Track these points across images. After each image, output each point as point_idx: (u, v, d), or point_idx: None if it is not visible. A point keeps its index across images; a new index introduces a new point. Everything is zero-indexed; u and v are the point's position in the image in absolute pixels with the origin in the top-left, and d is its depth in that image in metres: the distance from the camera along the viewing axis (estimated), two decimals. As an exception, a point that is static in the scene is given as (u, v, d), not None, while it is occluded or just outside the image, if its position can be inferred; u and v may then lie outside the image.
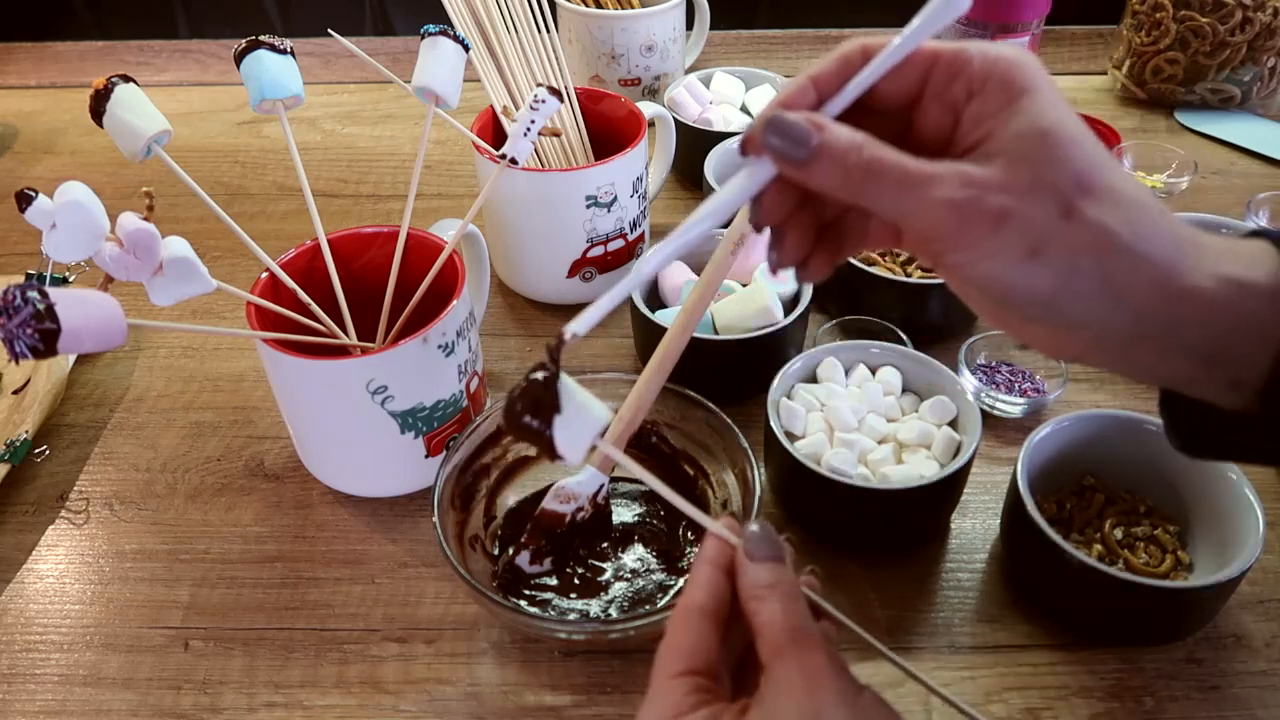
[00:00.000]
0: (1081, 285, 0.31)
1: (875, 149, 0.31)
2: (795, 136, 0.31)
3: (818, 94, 0.33)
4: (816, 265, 0.36)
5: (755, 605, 0.34)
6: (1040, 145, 0.30)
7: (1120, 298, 0.31)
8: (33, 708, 0.51)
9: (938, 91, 0.33)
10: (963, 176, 0.30)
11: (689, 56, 1.02)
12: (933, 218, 0.31)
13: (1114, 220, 0.30)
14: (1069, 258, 0.30)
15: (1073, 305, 0.31)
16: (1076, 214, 0.30)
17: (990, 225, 0.30)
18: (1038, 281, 0.31)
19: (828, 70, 0.33)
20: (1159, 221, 0.31)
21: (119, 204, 0.46)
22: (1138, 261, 0.30)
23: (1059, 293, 0.31)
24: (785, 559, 0.35)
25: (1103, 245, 0.30)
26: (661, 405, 0.57)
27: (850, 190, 0.31)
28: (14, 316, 0.39)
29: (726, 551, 0.36)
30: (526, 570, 0.54)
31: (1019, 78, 0.31)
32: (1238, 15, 0.89)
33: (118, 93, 0.50)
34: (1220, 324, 0.31)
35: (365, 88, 1.07)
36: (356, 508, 0.61)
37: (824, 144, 0.31)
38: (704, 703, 0.32)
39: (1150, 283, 0.31)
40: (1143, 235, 0.30)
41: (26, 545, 0.59)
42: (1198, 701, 0.49)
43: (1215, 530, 0.52)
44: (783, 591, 0.34)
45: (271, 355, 0.53)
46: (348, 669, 0.52)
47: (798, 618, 0.33)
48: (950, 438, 0.56)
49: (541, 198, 0.69)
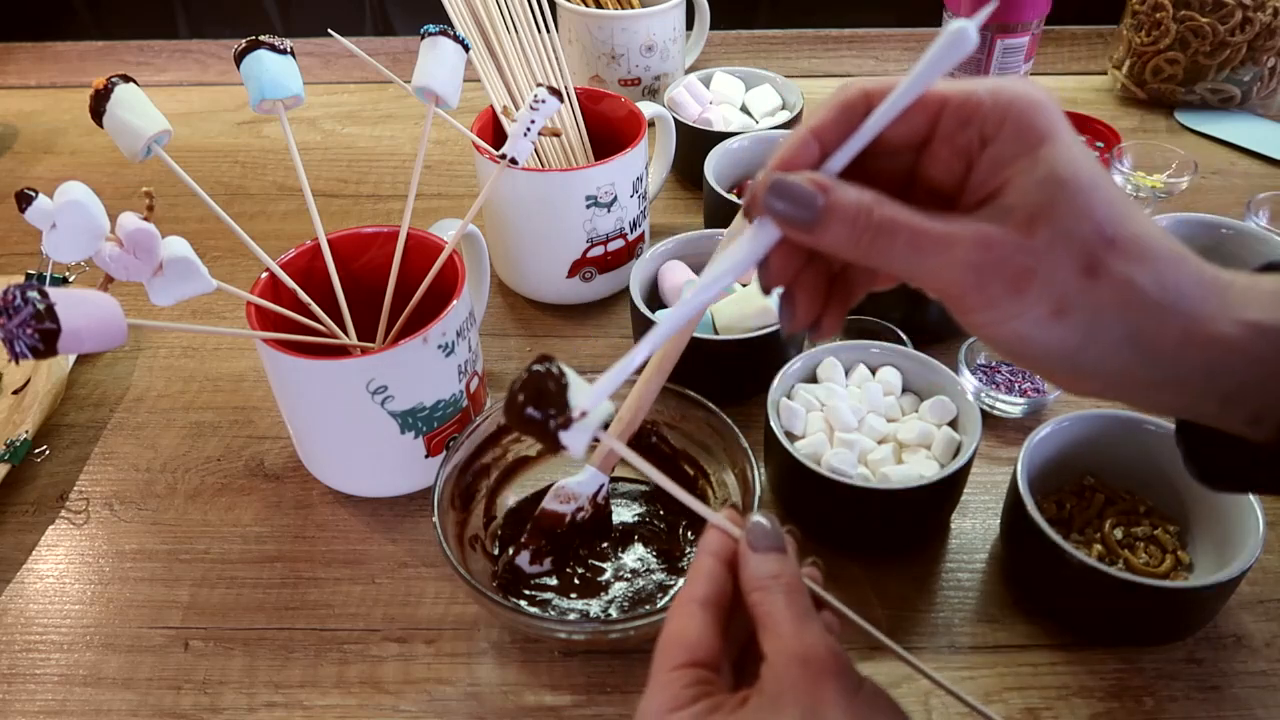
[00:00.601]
0: (1105, 341, 0.30)
1: (886, 209, 0.30)
2: (800, 199, 0.30)
3: (820, 148, 0.32)
4: (829, 321, 0.35)
5: (758, 596, 0.34)
6: (1062, 196, 0.29)
7: (1145, 351, 0.30)
8: (33, 708, 0.51)
9: (948, 136, 0.31)
10: (980, 238, 0.29)
11: (689, 56, 1.02)
12: (950, 280, 0.30)
13: (1139, 275, 0.29)
14: (1093, 315, 0.29)
15: (1095, 358, 0.30)
16: (1101, 271, 0.29)
17: (1011, 288, 0.29)
18: (1061, 339, 0.30)
19: (828, 121, 0.31)
20: (1184, 270, 0.30)
21: (119, 204, 0.46)
22: (1163, 315, 0.30)
23: (1083, 348, 0.30)
24: (788, 550, 0.35)
25: (1129, 302, 0.29)
26: (661, 405, 0.57)
27: (860, 253, 0.30)
28: (14, 316, 0.39)
29: (728, 543, 0.36)
30: (526, 570, 0.54)
31: (1036, 124, 0.30)
32: (1238, 15, 0.89)
33: (118, 93, 0.50)
34: (1244, 369, 0.31)
35: (365, 88, 1.07)
36: (356, 508, 0.61)
37: (831, 206, 0.30)
38: (704, 695, 0.32)
39: (1177, 335, 0.30)
40: (1168, 288, 0.30)
41: (26, 545, 0.59)
42: (1198, 701, 0.49)
43: (1215, 530, 0.52)
44: (785, 583, 0.34)
45: (271, 355, 0.53)
46: (348, 669, 0.52)
47: (800, 609, 0.33)
48: (950, 438, 0.56)
49: (541, 198, 0.69)
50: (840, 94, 0.32)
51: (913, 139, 0.32)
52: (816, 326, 0.35)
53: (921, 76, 0.29)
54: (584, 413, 0.33)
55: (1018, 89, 0.30)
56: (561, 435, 0.33)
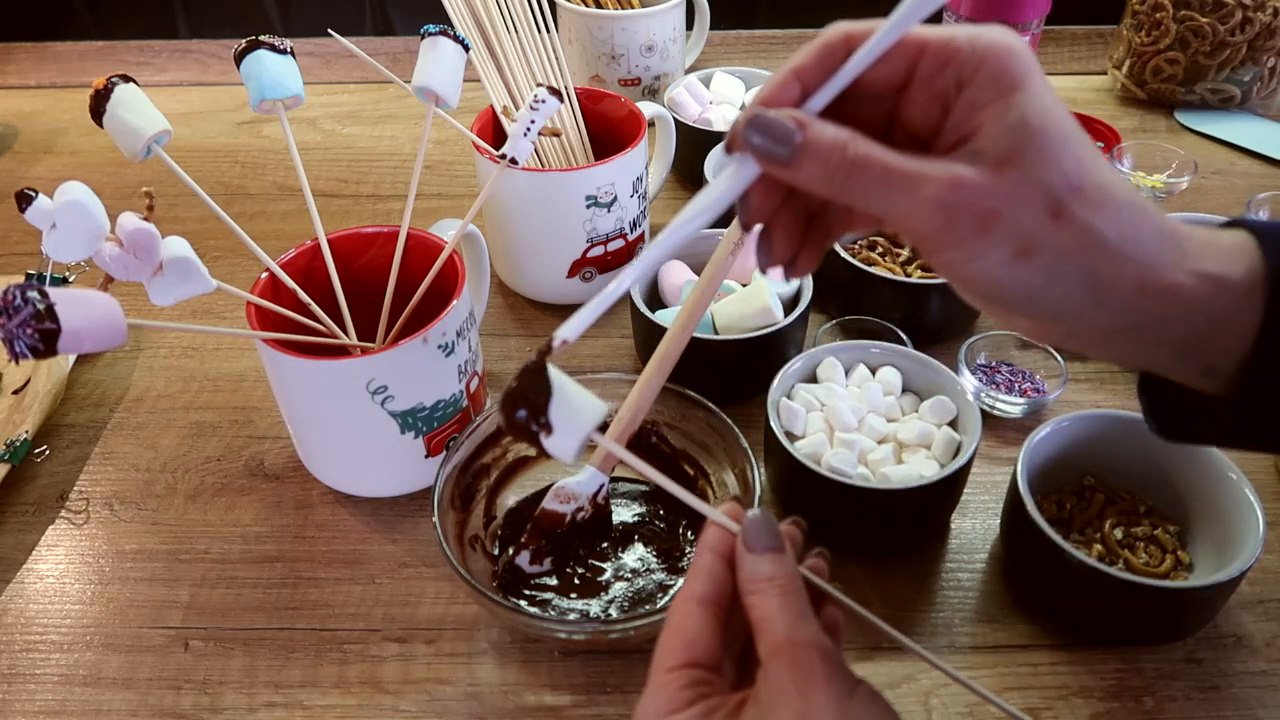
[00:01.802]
0: (1066, 283, 0.31)
1: (860, 146, 0.31)
2: (778, 135, 0.31)
3: (801, 88, 0.32)
4: (805, 260, 0.36)
5: (752, 599, 0.34)
6: (1031, 142, 0.30)
7: (1102, 296, 0.31)
8: (33, 708, 0.51)
9: (925, 80, 0.32)
10: (951, 178, 0.30)
11: (689, 56, 1.02)
12: (920, 218, 0.31)
13: (1102, 221, 0.30)
14: (1057, 258, 0.30)
15: (1056, 300, 0.31)
16: (1065, 215, 0.30)
17: (978, 227, 0.30)
18: (1024, 280, 0.31)
19: (810, 61, 0.32)
20: (1144, 220, 0.31)
21: (119, 204, 0.46)
22: (1122, 262, 0.31)
23: (1044, 290, 0.31)
24: (785, 549, 0.35)
25: (1090, 246, 0.30)
26: (661, 405, 0.57)
27: (834, 188, 0.31)
28: (14, 316, 0.39)
29: (728, 539, 0.36)
30: (526, 570, 0.54)
31: (1011, 69, 0.30)
32: (1238, 15, 0.89)
33: (118, 93, 0.50)
34: (1198, 319, 0.32)
35: (365, 88, 1.07)
36: (356, 508, 0.61)
37: (807, 142, 0.31)
38: (701, 696, 0.32)
39: (1132, 281, 0.31)
40: (1128, 236, 0.31)
41: (26, 545, 0.59)
42: (1198, 701, 0.49)
43: (1215, 530, 0.52)
44: (780, 585, 0.34)
45: (271, 355, 0.53)
46: (348, 669, 0.52)
47: (794, 614, 0.33)
48: (950, 438, 0.56)
49: (541, 198, 0.69)
50: (822, 36, 0.32)
51: (892, 82, 0.33)
52: (792, 264, 0.36)
53: (901, 20, 0.30)
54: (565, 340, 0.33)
55: (995, 35, 0.31)
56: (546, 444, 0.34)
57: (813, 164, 0.31)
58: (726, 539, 0.36)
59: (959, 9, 0.84)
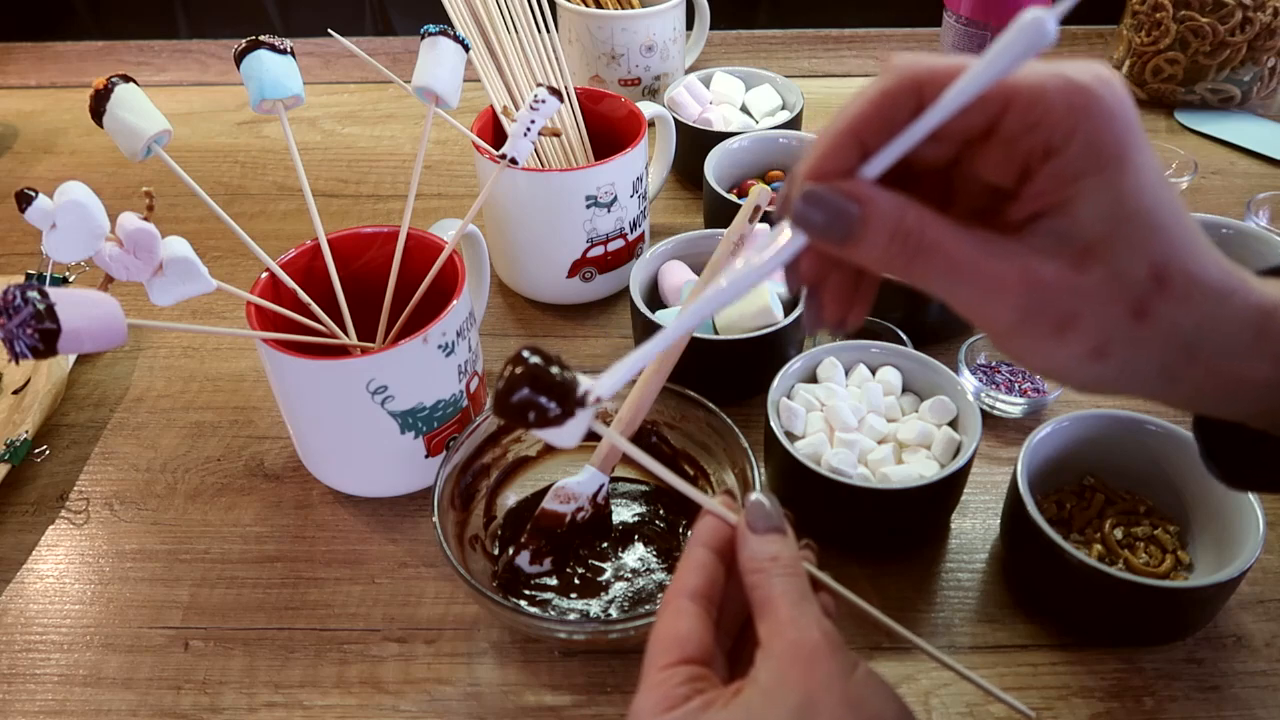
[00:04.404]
0: (1139, 378, 0.30)
1: (929, 231, 0.28)
2: (834, 212, 0.28)
3: (861, 150, 0.29)
4: (853, 321, 0.34)
5: (756, 579, 0.34)
6: (1122, 232, 0.27)
7: (1175, 385, 0.30)
8: (33, 708, 0.51)
9: (1007, 139, 0.28)
10: (1029, 282, 0.27)
11: (689, 56, 1.02)
12: (990, 313, 0.29)
13: (1183, 317, 0.28)
14: (1133, 353, 0.29)
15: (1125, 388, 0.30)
16: (1149, 315, 0.28)
17: (1055, 329, 0.28)
18: (1097, 375, 0.29)
19: (869, 114, 0.28)
20: (1225, 309, 0.29)
21: (119, 204, 0.46)
22: (1198, 353, 0.29)
23: (1115, 380, 0.30)
24: (788, 531, 0.35)
25: (1170, 345, 0.29)
26: (661, 405, 0.57)
27: (895, 271, 0.29)
28: (14, 316, 0.39)
29: (719, 531, 0.36)
30: (526, 570, 0.54)
31: (1112, 140, 0.27)
32: (1238, 15, 0.89)
33: (118, 93, 0.50)
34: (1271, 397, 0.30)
35: (365, 88, 1.07)
36: (356, 508, 0.61)
37: (867, 221, 0.28)
38: (697, 692, 0.32)
39: (1205, 370, 0.29)
40: (1206, 329, 0.28)
41: (26, 545, 0.59)
42: (1198, 701, 0.49)
43: (1215, 530, 0.52)
44: (784, 565, 0.34)
45: (271, 355, 0.53)
46: (348, 669, 0.52)
47: (797, 594, 0.33)
48: (950, 438, 0.56)
49: (541, 198, 0.69)
50: (885, 79, 0.28)
51: (966, 134, 0.29)
52: (841, 324, 0.34)
53: (985, 73, 0.26)
54: (598, 397, 0.31)
55: (1095, 91, 0.27)
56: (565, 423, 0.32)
57: (873, 244, 0.28)
58: (719, 532, 0.36)
59: (959, 9, 0.84)
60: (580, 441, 0.33)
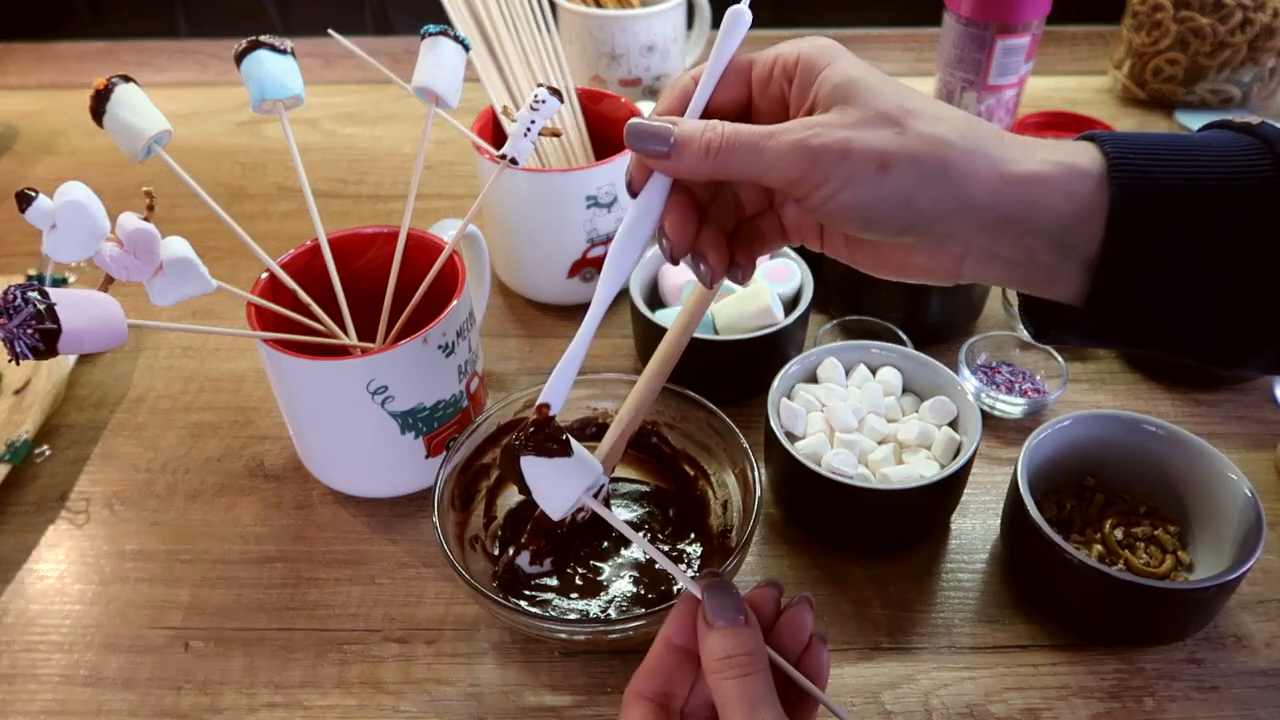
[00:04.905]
0: (931, 185, 0.34)
1: (726, 126, 0.35)
2: (655, 135, 0.36)
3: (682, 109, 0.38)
4: (745, 266, 0.39)
5: (712, 680, 0.34)
6: (856, 88, 0.35)
7: (967, 189, 0.34)
8: (33, 708, 0.51)
9: (763, 90, 0.38)
10: (803, 123, 0.35)
11: (689, 56, 1.02)
12: (787, 163, 0.34)
13: (942, 129, 0.34)
14: (913, 163, 0.34)
15: (929, 205, 0.34)
16: (907, 127, 0.34)
17: (837, 156, 0.34)
18: (894, 189, 0.34)
19: (672, 103, 0.38)
20: (983, 128, 0.35)
21: (119, 204, 0.46)
22: (973, 156, 0.34)
23: (914, 194, 0.34)
24: (746, 622, 0.35)
25: (938, 147, 0.34)
26: (661, 405, 0.57)
27: (714, 166, 0.35)
28: (14, 317, 0.39)
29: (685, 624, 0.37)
30: (526, 570, 0.54)
31: (824, 53, 0.36)
32: (1238, 15, 0.89)
33: (118, 93, 0.50)
34: (1060, 202, 0.34)
35: (365, 88, 1.07)
36: (356, 508, 0.61)
37: (681, 134, 0.35)
38: None
39: (990, 172, 0.34)
40: (970, 136, 0.34)
41: (26, 545, 0.59)
42: (1198, 701, 0.49)
43: (1215, 530, 0.52)
44: (738, 665, 0.34)
45: (271, 355, 0.53)
46: (348, 669, 0.52)
47: (751, 699, 0.33)
48: (950, 438, 0.56)
49: (542, 198, 0.69)
50: (675, 82, 0.39)
51: (741, 102, 0.38)
52: (735, 269, 0.39)
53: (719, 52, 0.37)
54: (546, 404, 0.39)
55: (805, 40, 0.37)
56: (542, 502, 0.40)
57: (690, 151, 0.35)
58: (685, 623, 0.37)
59: (959, 9, 0.84)
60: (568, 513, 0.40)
